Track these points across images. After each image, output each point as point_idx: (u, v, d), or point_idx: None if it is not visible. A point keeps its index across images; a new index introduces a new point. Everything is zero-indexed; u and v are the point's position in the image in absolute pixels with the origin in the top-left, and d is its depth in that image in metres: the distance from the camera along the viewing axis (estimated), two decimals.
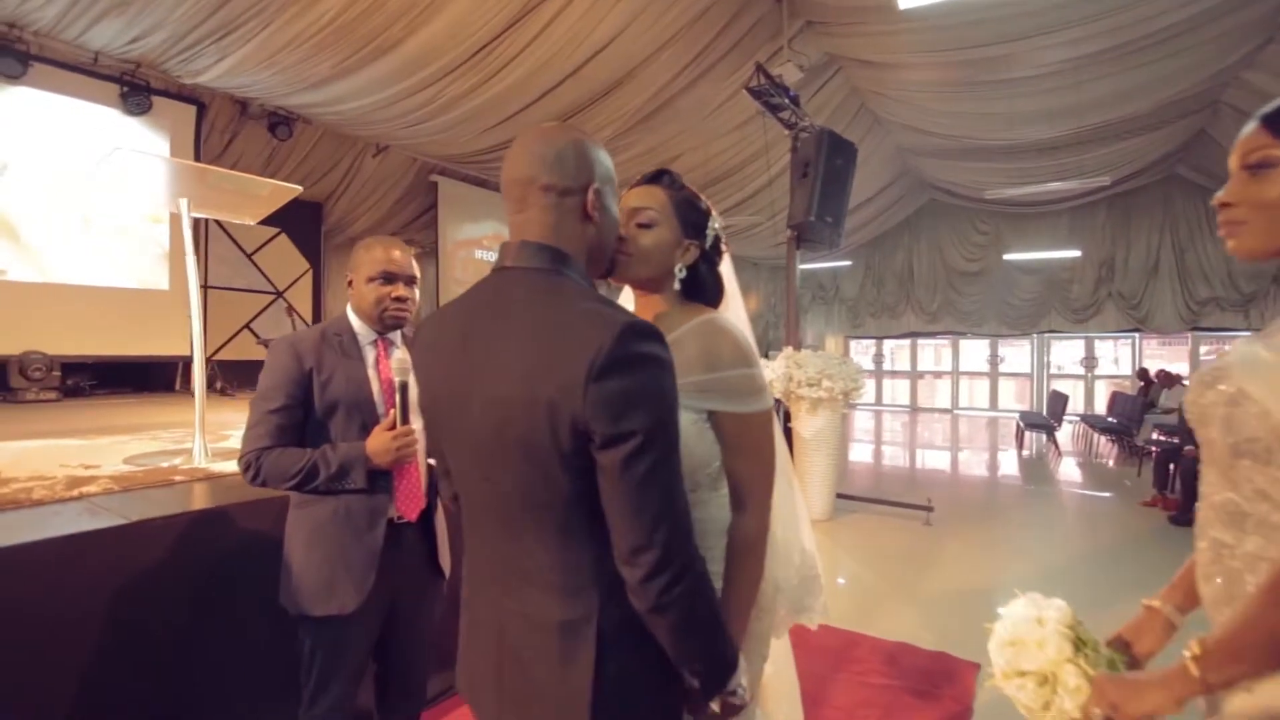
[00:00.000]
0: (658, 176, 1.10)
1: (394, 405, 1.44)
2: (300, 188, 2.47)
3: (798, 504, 1.26)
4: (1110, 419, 8.72)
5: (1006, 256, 11.22)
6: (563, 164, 0.85)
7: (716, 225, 1.12)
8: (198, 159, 6.08)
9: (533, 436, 0.76)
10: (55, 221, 5.43)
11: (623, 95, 6.76)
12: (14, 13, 4.89)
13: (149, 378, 6.35)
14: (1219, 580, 0.78)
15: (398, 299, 1.51)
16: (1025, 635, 0.94)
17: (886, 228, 13.18)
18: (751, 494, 1.00)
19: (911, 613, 3.27)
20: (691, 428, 0.98)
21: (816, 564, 1.27)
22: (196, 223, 6.40)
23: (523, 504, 0.81)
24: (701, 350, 0.99)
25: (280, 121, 6.70)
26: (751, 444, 1.00)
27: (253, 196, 2.49)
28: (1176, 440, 5.84)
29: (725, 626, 0.86)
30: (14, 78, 5.13)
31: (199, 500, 1.83)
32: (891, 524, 4.87)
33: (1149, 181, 10.37)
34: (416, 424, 1.47)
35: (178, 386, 6.30)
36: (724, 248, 1.16)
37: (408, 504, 1.49)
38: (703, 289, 1.11)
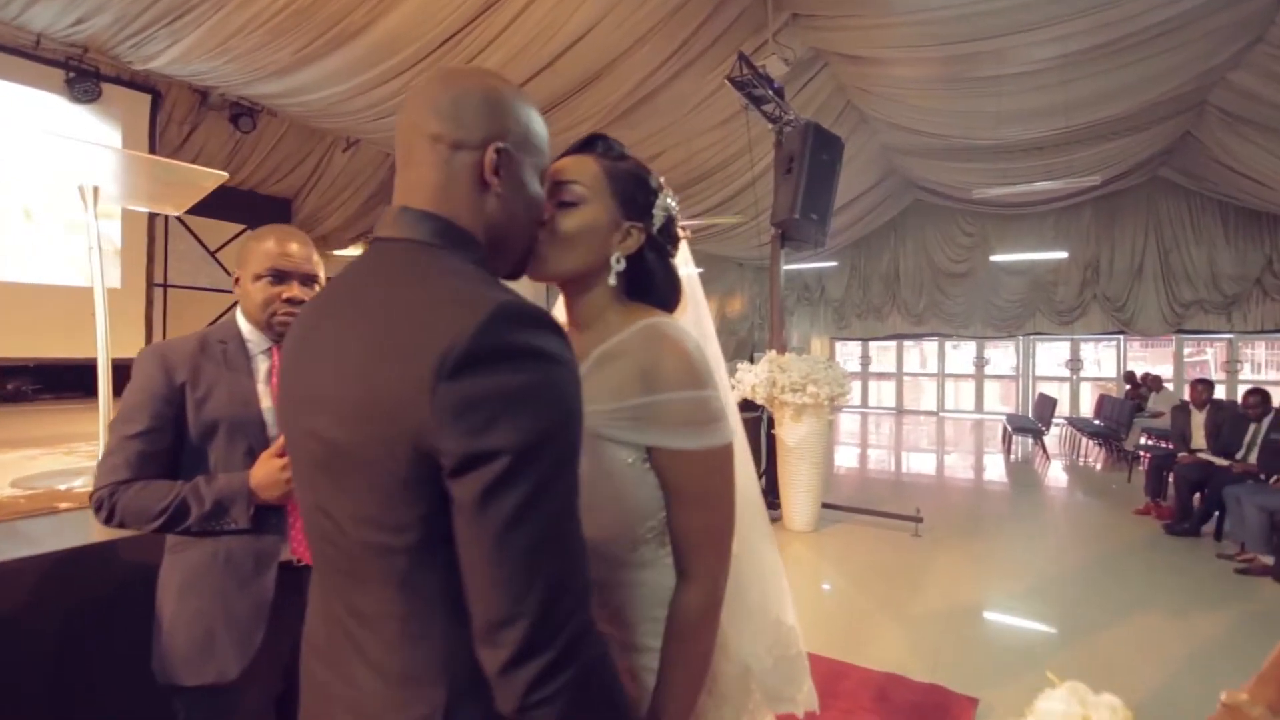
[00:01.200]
0: (589, 143, 0.88)
1: None
2: (225, 174, 2.20)
3: (774, 562, 1.03)
4: (1097, 422, 8.61)
5: (992, 258, 11.13)
6: (459, 110, 0.66)
7: (669, 203, 0.89)
8: (153, 151, 5.76)
9: (366, 454, 0.57)
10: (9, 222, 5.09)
11: (601, 89, 6.52)
12: None
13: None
14: None
15: (290, 300, 1.26)
16: None
17: (872, 228, 13.05)
18: (699, 555, 0.77)
19: (902, 636, 3.06)
20: (629, 470, 0.76)
21: (798, 640, 1.02)
22: (152, 219, 6.04)
23: (360, 544, 0.60)
24: (639, 365, 0.77)
25: (243, 113, 6.38)
26: (699, 491, 0.77)
27: (173, 184, 2.22)
28: (1169, 445, 5.70)
29: None
30: None
31: (80, 532, 1.57)
32: (879, 535, 4.67)
33: (1134, 183, 10.32)
34: None
35: None
36: (680, 233, 0.93)
37: (306, 545, 1.24)
38: (650, 286, 0.87)
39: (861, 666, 2.71)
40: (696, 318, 1.00)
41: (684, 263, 0.98)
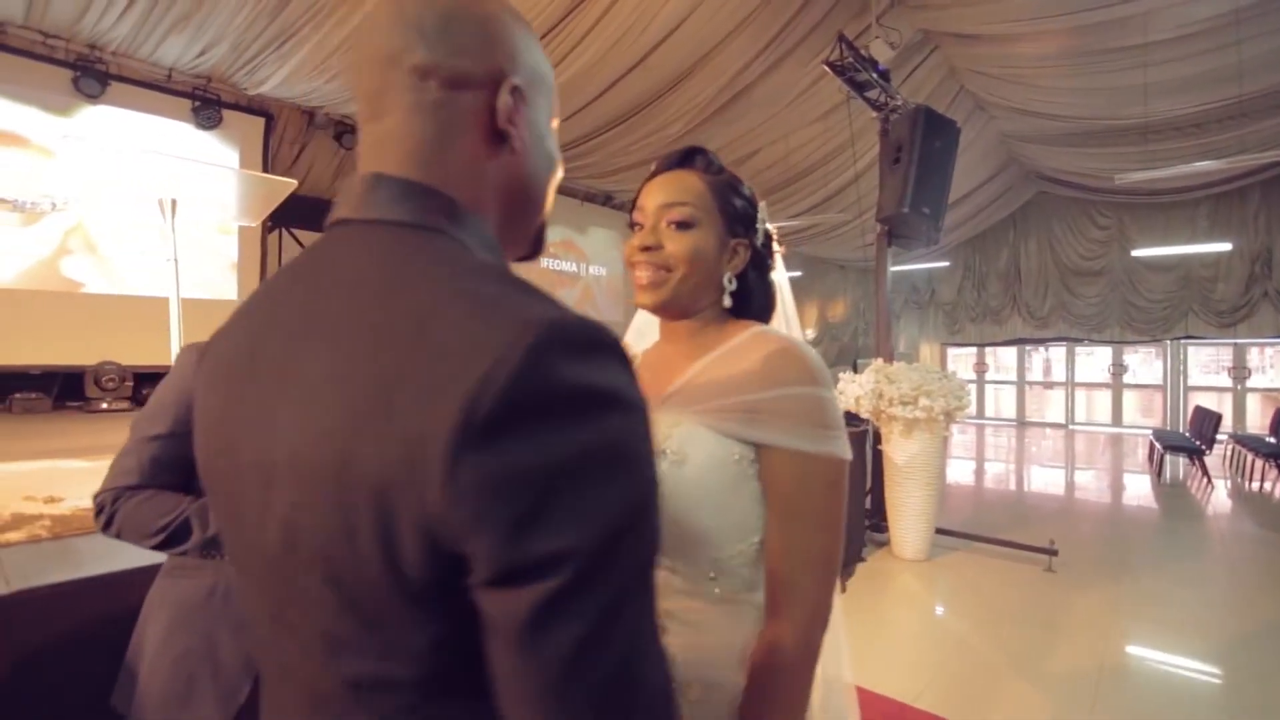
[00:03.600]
0: (688, 157, 0.82)
1: None
2: (294, 182, 2.19)
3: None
4: (1272, 440, 7.38)
5: (1133, 253, 9.92)
6: (449, 31, 0.45)
7: (766, 217, 0.86)
8: (266, 170, 6.12)
9: (345, 550, 0.36)
10: (131, 235, 5.55)
11: (694, 85, 6.31)
12: (92, 32, 5.03)
13: None
14: None
15: None
16: None
17: (988, 224, 12.05)
18: (800, 585, 0.69)
19: (1036, 695, 2.59)
20: (733, 469, 0.70)
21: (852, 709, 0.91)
22: (265, 233, 6.40)
23: (338, 677, 0.40)
24: (757, 363, 0.73)
25: (346, 130, 6.69)
26: (811, 506, 0.70)
27: (245, 194, 2.22)
28: None
29: None
30: (93, 97, 5.28)
31: (137, 553, 1.50)
32: (1004, 568, 4.11)
33: None
34: None
35: None
36: (776, 247, 0.90)
37: None
38: (750, 301, 0.84)
39: None
40: (790, 329, 0.98)
41: (777, 270, 0.95)
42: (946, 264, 12.56)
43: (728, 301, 0.81)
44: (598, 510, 0.34)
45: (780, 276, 0.94)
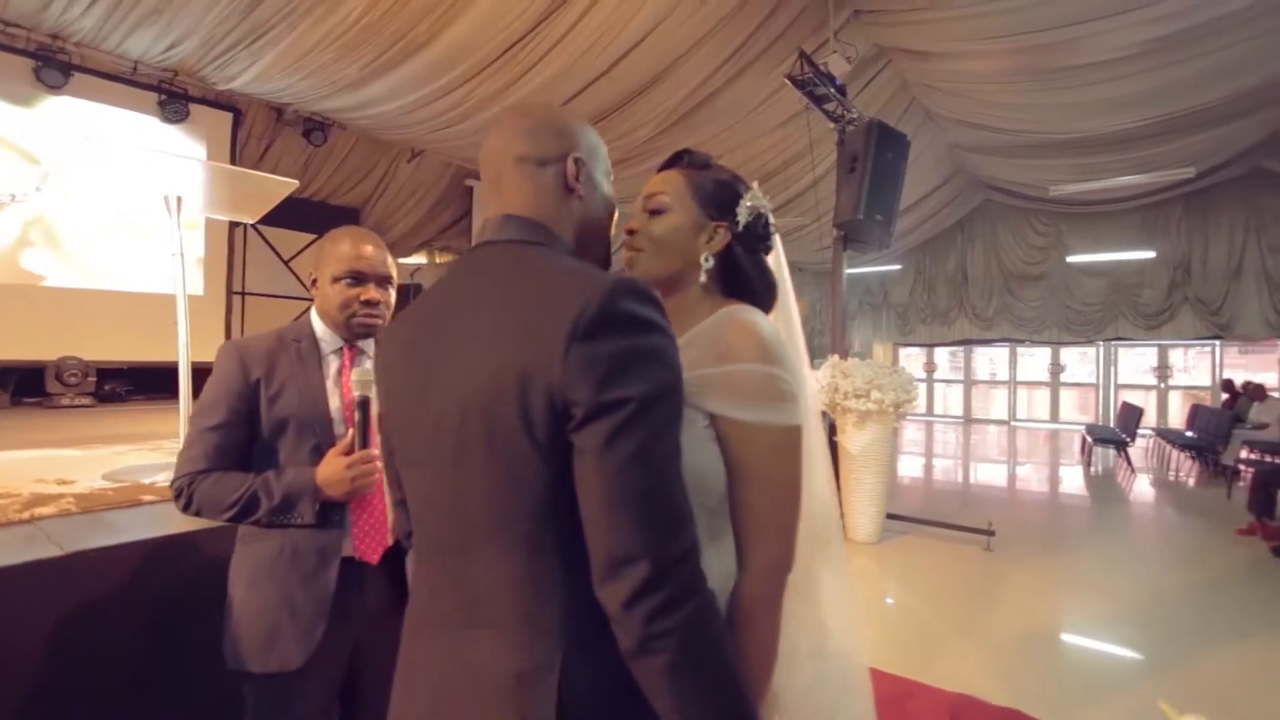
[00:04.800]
0: (676, 158, 0.96)
1: (354, 425, 1.21)
2: (295, 182, 2.29)
3: (843, 589, 0.98)
4: (1190, 434, 8.01)
5: (1069, 259, 10.54)
6: (537, 134, 0.78)
7: (756, 202, 0.92)
8: (233, 165, 6.10)
9: (500, 423, 0.63)
10: (94, 228, 5.47)
11: (659, 93, 6.51)
12: (56, 23, 4.96)
13: None
14: None
15: (368, 303, 1.29)
16: None
17: (938, 230, 12.57)
18: (756, 540, 0.77)
19: (975, 656, 2.89)
20: (691, 433, 0.75)
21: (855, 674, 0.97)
22: (232, 229, 6.39)
23: (483, 516, 0.66)
24: (714, 341, 0.81)
25: (315, 127, 6.70)
26: (761, 469, 0.77)
27: (248, 193, 2.32)
28: (1276, 460, 5.23)
29: (746, 689, 0.63)
30: (56, 88, 5.20)
31: (160, 524, 1.64)
32: (947, 548, 4.45)
33: (1233, 176, 9.52)
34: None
35: None
36: (772, 227, 0.96)
37: (368, 543, 1.25)
38: (744, 282, 0.92)
39: (931, 686, 2.57)
40: (787, 312, 1.02)
41: (777, 259, 1.01)
42: (899, 267, 13.09)
43: (703, 278, 0.88)
44: (643, 380, 0.60)
45: (780, 262, 1.01)
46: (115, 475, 2.17)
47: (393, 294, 1.36)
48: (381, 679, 1.27)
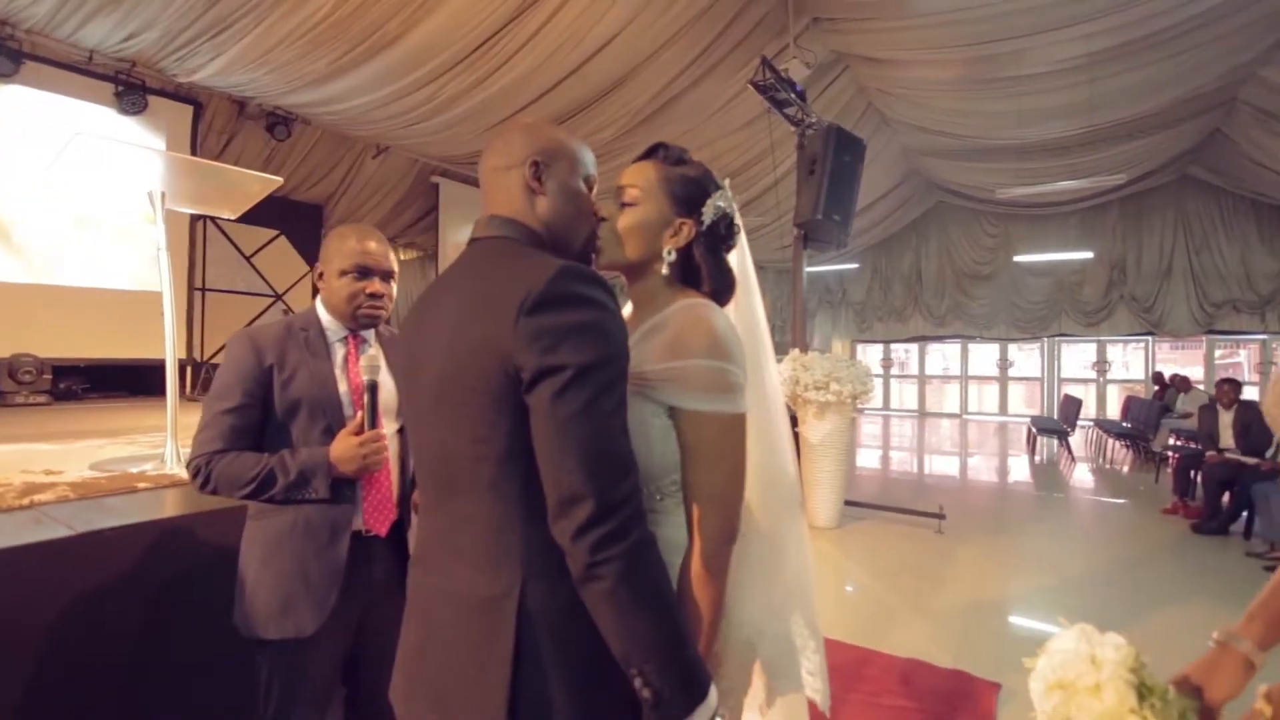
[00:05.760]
0: (651, 151, 1.01)
1: (362, 407, 1.32)
2: (280, 179, 2.35)
3: (802, 558, 1.08)
4: (1125, 424, 8.52)
5: (1016, 259, 11.03)
6: (506, 145, 0.90)
7: (723, 203, 0.98)
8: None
9: (466, 381, 0.75)
10: (47, 222, 5.33)
11: (624, 94, 6.64)
12: (6, 9, 4.82)
13: (143, 381, 6.22)
14: None
15: (372, 295, 1.39)
16: (1076, 678, 0.77)
17: (894, 230, 13.00)
18: (703, 516, 0.84)
19: (925, 627, 3.11)
20: (654, 423, 0.86)
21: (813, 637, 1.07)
22: (193, 224, 6.28)
23: (458, 466, 0.78)
24: (671, 335, 0.87)
25: (279, 121, 6.61)
26: (709, 453, 0.85)
27: (231, 189, 2.37)
28: (1197, 446, 5.66)
29: (683, 622, 0.74)
30: (5, 76, 5.05)
31: (160, 509, 1.70)
32: (902, 532, 4.71)
33: (1162, 182, 10.17)
34: (389, 428, 1.36)
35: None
36: (735, 227, 1.02)
37: (377, 517, 1.36)
38: (699, 276, 0.97)
39: (885, 653, 2.78)
40: (749, 306, 1.07)
41: (740, 256, 1.07)
42: (856, 266, 13.49)
43: (665, 270, 0.95)
44: (580, 349, 0.70)
45: (743, 262, 1.06)
46: (102, 465, 2.20)
47: (394, 287, 1.46)
48: (382, 647, 1.39)
